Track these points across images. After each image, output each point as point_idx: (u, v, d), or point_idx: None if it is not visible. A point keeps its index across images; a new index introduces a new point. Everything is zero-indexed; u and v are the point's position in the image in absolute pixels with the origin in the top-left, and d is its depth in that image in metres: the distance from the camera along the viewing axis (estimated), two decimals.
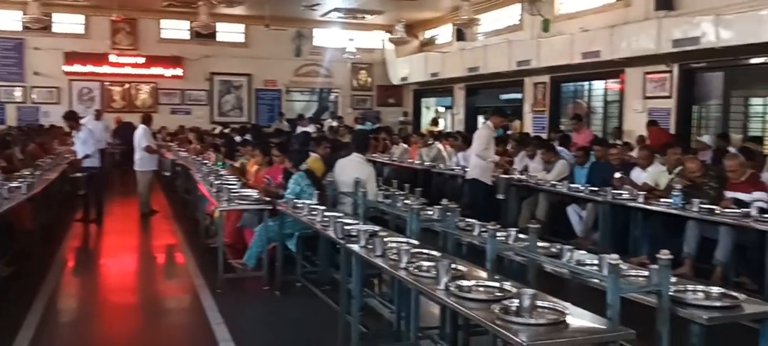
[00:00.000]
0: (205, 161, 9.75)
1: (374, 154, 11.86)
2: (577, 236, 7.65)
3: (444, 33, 18.07)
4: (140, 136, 10.06)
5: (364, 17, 17.84)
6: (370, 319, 5.18)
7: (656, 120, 10.95)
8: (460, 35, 16.18)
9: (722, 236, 5.87)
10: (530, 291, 2.81)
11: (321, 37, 19.34)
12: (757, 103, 10.75)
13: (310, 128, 14.61)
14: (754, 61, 10.01)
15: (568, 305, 2.90)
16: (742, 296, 3.10)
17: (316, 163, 7.08)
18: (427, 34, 19.05)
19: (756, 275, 5.63)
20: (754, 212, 5.55)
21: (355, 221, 5.00)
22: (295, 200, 5.83)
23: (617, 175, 7.25)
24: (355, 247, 4.08)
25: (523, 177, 8.50)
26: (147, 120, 10.52)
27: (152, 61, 18.00)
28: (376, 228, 4.67)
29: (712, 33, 9.34)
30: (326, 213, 5.16)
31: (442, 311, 4.49)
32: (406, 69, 18.56)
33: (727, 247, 5.86)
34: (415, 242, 4.15)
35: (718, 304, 3.04)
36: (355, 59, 19.11)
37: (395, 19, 16.58)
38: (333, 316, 4.97)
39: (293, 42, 18.99)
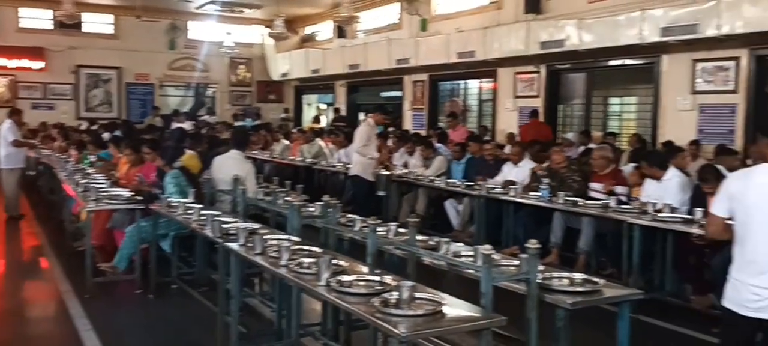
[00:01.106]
0: (69, 159, 9.16)
1: (254, 151, 11.65)
2: (454, 229, 7.90)
3: (325, 29, 18.05)
4: (6, 130, 9.28)
5: (242, 11, 17.43)
6: (250, 319, 5.10)
7: (537, 111, 11.47)
8: (340, 32, 16.22)
9: (585, 226, 6.28)
10: (409, 283, 2.87)
11: (197, 30, 18.69)
12: (615, 103, 11.59)
13: (186, 125, 14.10)
14: (612, 63, 10.78)
15: (445, 295, 2.99)
16: (601, 282, 3.33)
17: (191, 161, 6.84)
18: (308, 30, 18.94)
19: (616, 261, 6.06)
20: (613, 203, 5.98)
21: (234, 219, 4.89)
22: (170, 199, 5.61)
23: (479, 178, 7.58)
24: (233, 245, 3.99)
25: (404, 173, 8.68)
26: (14, 114, 9.72)
27: (10, 52, 16.62)
28: (256, 226, 4.60)
29: (575, 36, 9.96)
30: (203, 212, 5.00)
31: (323, 307, 4.49)
32: (287, 65, 18.36)
33: (589, 236, 6.29)
34: (296, 239, 4.13)
35: (580, 289, 3.25)
36: (233, 54, 18.62)
37: (274, 14, 16.32)
38: (211, 317, 4.83)
39: (167, 34, 18.22)
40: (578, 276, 3.39)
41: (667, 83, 9.73)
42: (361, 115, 15.55)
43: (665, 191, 5.90)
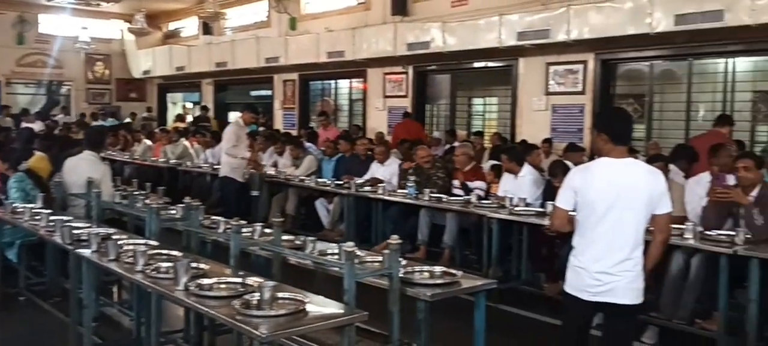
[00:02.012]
0: None
1: (113, 152, 11.04)
2: (325, 228, 7.91)
3: (189, 26, 17.44)
4: None
5: (98, 4, 16.44)
6: (108, 329, 4.82)
7: (410, 112, 11.71)
8: (206, 29, 15.76)
9: (449, 221, 6.50)
10: (270, 284, 2.84)
11: (48, 24, 17.40)
12: (478, 103, 12.12)
13: (37, 125, 13.09)
14: (475, 65, 11.26)
15: (309, 294, 2.98)
16: (459, 273, 3.47)
17: (40, 163, 6.36)
18: (172, 26, 18.22)
19: (478, 254, 6.33)
20: (474, 198, 6.24)
21: (87, 224, 4.60)
22: (15, 205, 5.18)
23: (346, 177, 7.66)
24: (85, 252, 3.75)
25: (273, 173, 8.56)
26: None
27: None
28: (111, 230, 4.36)
29: (439, 39, 10.30)
30: (52, 217, 4.67)
31: (185, 313, 4.33)
32: (149, 62, 17.52)
33: (453, 231, 6.51)
34: (154, 243, 3.95)
35: (440, 282, 3.36)
36: (89, 50, 17.51)
37: (134, 9, 15.55)
38: (64, 330, 4.51)
39: (14, 28, 16.81)
40: (438, 269, 3.51)
41: (523, 85, 10.30)
42: (232, 115, 15.21)
43: (520, 187, 6.25)
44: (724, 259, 4.25)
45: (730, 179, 4.76)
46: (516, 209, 5.78)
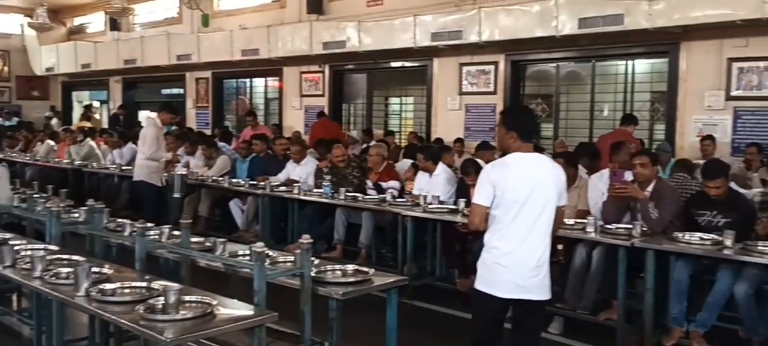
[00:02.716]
0: None
1: (13, 153, 10.46)
2: (239, 229, 7.78)
3: (96, 21, 16.72)
4: None
5: None
6: (8, 339, 4.58)
7: (324, 112, 11.64)
8: (114, 25, 15.16)
9: (365, 220, 6.54)
10: (176, 287, 2.77)
11: None
12: (394, 103, 12.23)
13: None
14: (390, 65, 11.36)
15: (217, 296, 2.93)
16: (371, 271, 3.49)
17: None
18: (77, 21, 17.40)
19: (394, 252, 6.38)
20: (389, 197, 6.30)
21: None
22: None
23: (260, 178, 7.59)
24: None
25: (185, 173, 8.32)
26: None
27: None
28: (7, 235, 4.13)
29: (355, 38, 10.34)
30: None
31: (90, 320, 4.15)
32: (53, 58, 16.65)
33: (369, 230, 6.55)
34: (54, 248, 3.78)
35: (352, 280, 3.38)
36: None
37: (36, 2, 14.78)
38: None
39: None
40: (350, 268, 3.53)
41: (438, 85, 10.48)
42: (143, 114, 14.70)
43: (434, 185, 6.37)
44: (623, 251, 4.48)
45: (628, 175, 5.02)
46: (430, 206, 5.88)
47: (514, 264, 3.14)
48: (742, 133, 7.66)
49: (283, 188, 7.20)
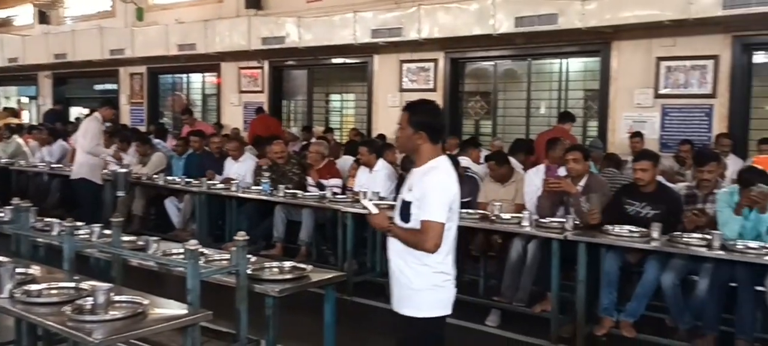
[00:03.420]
0: None
1: None
2: (176, 228, 7.61)
3: (24, 13, 16.03)
4: None
5: None
6: None
7: (263, 108, 11.48)
8: (42, 17, 14.58)
9: (305, 217, 6.49)
10: (105, 286, 2.69)
11: None
12: (335, 99, 12.19)
13: None
14: (331, 61, 11.31)
15: (150, 296, 2.86)
16: (309, 268, 3.47)
17: None
18: (2, 13, 16.64)
19: (334, 248, 6.37)
20: (329, 194, 6.28)
21: None
22: None
23: (210, 173, 7.46)
24: None
25: (127, 171, 8.05)
26: None
27: None
28: None
29: (295, 34, 10.25)
30: None
31: (16, 323, 3.98)
32: None
33: (309, 227, 6.51)
34: None
35: (289, 276, 3.35)
36: None
37: None
38: None
39: None
40: (287, 265, 3.50)
41: (378, 82, 10.51)
42: (75, 111, 14.18)
43: (375, 181, 6.39)
44: (556, 244, 4.60)
45: (562, 171, 5.15)
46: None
47: (453, 277, 2.94)
48: (670, 130, 7.97)
49: (220, 186, 7.08)
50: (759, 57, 7.87)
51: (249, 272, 3.22)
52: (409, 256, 2.84)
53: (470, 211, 5.46)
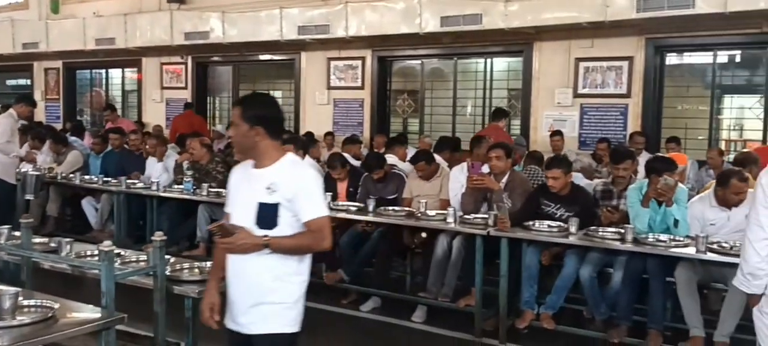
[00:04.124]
0: None
1: None
2: (93, 229, 7.32)
3: None
4: None
5: None
6: None
7: (191, 104, 11.20)
8: None
9: None
10: (12, 290, 2.55)
11: None
12: None
13: None
14: (257, 57, 11.14)
15: (62, 300, 2.74)
16: None
17: None
18: None
19: None
20: None
21: None
22: None
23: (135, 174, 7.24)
24: None
25: (40, 173, 7.65)
26: None
27: None
28: None
29: (219, 29, 10.05)
30: None
31: None
32: None
33: None
34: None
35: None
36: None
37: None
38: None
39: None
40: (208, 265, 3.40)
41: (306, 79, 10.44)
42: None
43: None
44: (480, 239, 4.68)
45: (485, 168, 5.26)
46: None
47: None
48: (588, 129, 8.27)
49: (140, 185, 6.86)
50: (671, 59, 8.29)
51: (167, 273, 3.14)
52: (283, 268, 2.53)
53: (396, 208, 5.51)
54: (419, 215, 5.16)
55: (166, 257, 3.15)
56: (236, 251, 2.52)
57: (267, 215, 2.49)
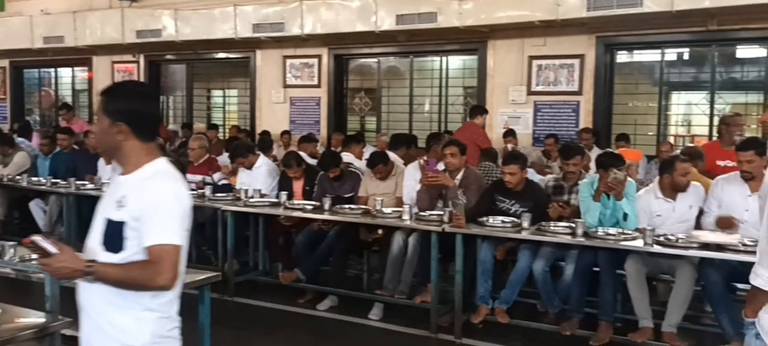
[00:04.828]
0: None
1: None
2: (42, 232, 7.12)
3: None
4: None
5: None
6: None
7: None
8: None
9: None
10: None
11: None
12: (217, 95, 11.87)
13: None
14: (212, 56, 10.99)
15: (3, 305, 2.67)
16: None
17: None
18: None
19: (214, 248, 6.17)
20: (208, 192, 6.09)
21: None
22: None
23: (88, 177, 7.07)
24: None
25: None
26: None
27: None
28: None
29: (172, 27, 9.88)
30: None
31: None
32: None
33: None
34: None
35: None
36: None
37: None
38: None
39: None
40: None
41: (261, 77, 10.34)
42: None
43: (256, 178, 6.27)
44: (435, 236, 4.71)
45: (440, 165, 5.29)
46: (251, 200, 5.78)
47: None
48: (542, 126, 8.39)
49: (90, 186, 6.70)
50: (621, 56, 8.47)
51: None
52: (122, 299, 2.02)
53: (353, 206, 5.51)
54: (375, 212, 5.17)
55: None
56: (54, 276, 2.10)
57: (113, 234, 2.02)
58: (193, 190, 6.37)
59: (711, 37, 7.60)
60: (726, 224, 4.41)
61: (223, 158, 7.60)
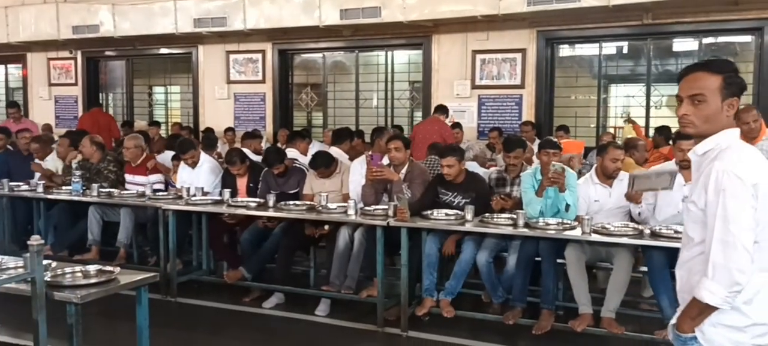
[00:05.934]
0: None
1: None
2: None
3: None
4: None
5: None
6: None
7: (99, 103, 10.66)
8: None
9: (123, 217, 6.10)
10: None
11: None
12: (159, 92, 11.61)
13: None
14: (153, 51, 10.73)
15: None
16: (117, 270, 3.25)
17: None
18: None
19: (156, 248, 6.02)
20: (148, 192, 5.95)
21: None
22: None
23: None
24: None
25: None
26: None
27: None
28: None
29: (109, 22, 9.61)
30: None
31: None
32: None
33: (128, 227, 6.13)
34: None
35: (93, 281, 3.12)
36: None
37: None
38: None
39: None
40: (93, 268, 3.26)
41: (204, 73, 10.17)
42: None
43: (198, 176, 6.15)
44: (380, 230, 4.71)
45: (385, 159, 5.29)
46: (194, 199, 5.67)
47: None
48: (486, 119, 8.51)
49: (25, 187, 6.46)
50: (562, 50, 8.65)
51: (48, 278, 2.96)
52: None
53: (298, 202, 5.46)
54: (320, 208, 5.14)
55: (47, 262, 2.97)
56: None
57: None
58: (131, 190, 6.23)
59: (647, 31, 7.83)
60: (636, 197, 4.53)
61: (165, 156, 7.43)
